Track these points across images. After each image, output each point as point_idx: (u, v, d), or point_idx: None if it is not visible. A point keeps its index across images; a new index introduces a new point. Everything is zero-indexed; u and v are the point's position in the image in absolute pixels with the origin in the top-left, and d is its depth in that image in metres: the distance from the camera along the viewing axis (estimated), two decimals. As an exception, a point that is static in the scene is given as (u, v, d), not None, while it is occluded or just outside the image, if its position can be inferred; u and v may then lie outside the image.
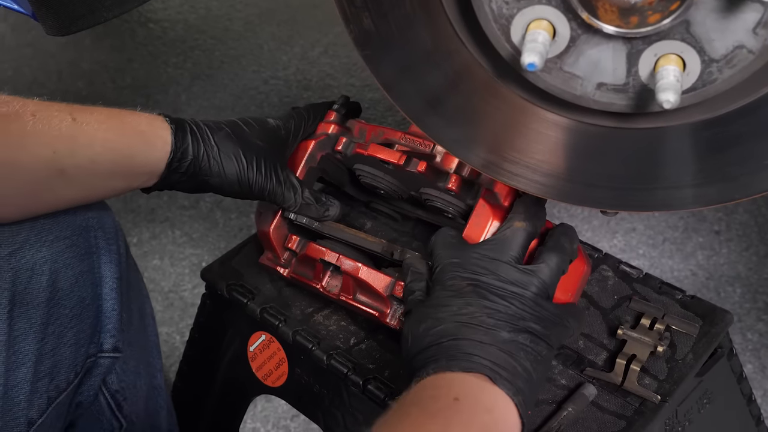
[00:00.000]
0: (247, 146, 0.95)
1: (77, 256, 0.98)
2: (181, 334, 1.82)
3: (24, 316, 0.92)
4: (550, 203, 0.89)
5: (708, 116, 0.74)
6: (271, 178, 0.96)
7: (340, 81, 2.42)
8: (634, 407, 0.93)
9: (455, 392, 0.74)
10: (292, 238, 1.04)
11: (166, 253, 1.99)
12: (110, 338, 1.03)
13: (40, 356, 0.94)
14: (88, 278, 0.99)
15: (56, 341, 0.96)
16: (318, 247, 1.01)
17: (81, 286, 0.98)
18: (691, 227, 1.96)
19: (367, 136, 1.03)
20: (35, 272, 0.93)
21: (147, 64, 2.57)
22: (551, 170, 0.83)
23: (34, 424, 0.93)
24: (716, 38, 0.67)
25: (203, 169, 0.93)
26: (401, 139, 1.00)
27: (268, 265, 1.07)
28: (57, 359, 0.96)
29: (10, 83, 2.49)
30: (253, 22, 2.72)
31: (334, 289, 1.00)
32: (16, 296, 0.91)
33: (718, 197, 0.79)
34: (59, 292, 0.96)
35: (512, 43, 0.73)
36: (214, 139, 0.93)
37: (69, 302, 0.97)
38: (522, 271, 0.82)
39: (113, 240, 1.03)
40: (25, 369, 0.92)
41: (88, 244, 0.99)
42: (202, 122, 0.95)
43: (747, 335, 1.73)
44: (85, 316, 0.99)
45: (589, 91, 0.73)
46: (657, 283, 1.06)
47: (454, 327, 0.79)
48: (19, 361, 0.91)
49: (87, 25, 0.92)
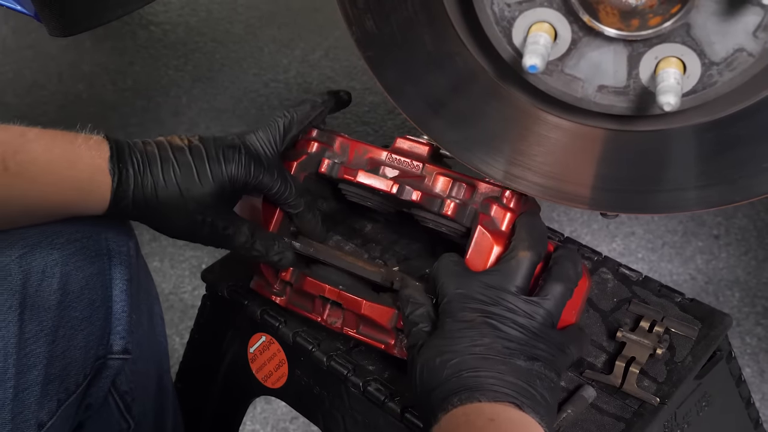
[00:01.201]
0: (195, 198, 0.90)
1: (88, 259, 0.97)
2: (181, 336, 1.82)
3: (35, 319, 0.91)
4: (550, 205, 0.89)
5: (708, 119, 0.75)
6: (216, 229, 0.93)
7: (341, 84, 2.43)
8: (633, 409, 0.93)
9: (488, 415, 0.75)
10: (286, 270, 0.99)
11: (166, 255, 2.00)
12: (120, 340, 1.02)
13: (51, 359, 0.93)
14: (99, 280, 0.99)
15: (66, 344, 0.95)
16: (316, 282, 0.97)
17: (91, 289, 0.98)
18: (691, 231, 1.97)
19: (350, 154, 1.00)
20: (46, 275, 0.92)
21: (148, 66, 2.57)
22: (552, 172, 0.84)
23: (44, 426, 0.92)
24: (717, 41, 0.67)
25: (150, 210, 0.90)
26: (387, 159, 0.97)
27: (260, 292, 1.04)
28: (67, 362, 0.95)
29: (11, 85, 2.49)
30: (254, 25, 2.72)
31: (336, 323, 0.98)
32: (26, 299, 0.90)
33: (718, 200, 0.79)
34: (70, 295, 0.95)
35: (514, 46, 0.73)
36: (162, 179, 0.89)
37: (79, 305, 0.96)
38: (529, 302, 0.83)
39: (124, 242, 1.02)
40: (36, 372, 0.91)
41: (99, 246, 0.99)
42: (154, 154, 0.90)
43: (746, 339, 1.74)
44: (95, 319, 0.98)
45: (590, 94, 0.74)
46: (656, 286, 1.06)
47: (472, 359, 0.79)
48: (30, 364, 0.91)
49: (90, 26, 0.92)
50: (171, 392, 1.19)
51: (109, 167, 0.86)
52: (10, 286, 0.89)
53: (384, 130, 2.27)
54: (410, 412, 0.93)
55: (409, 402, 0.94)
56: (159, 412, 1.15)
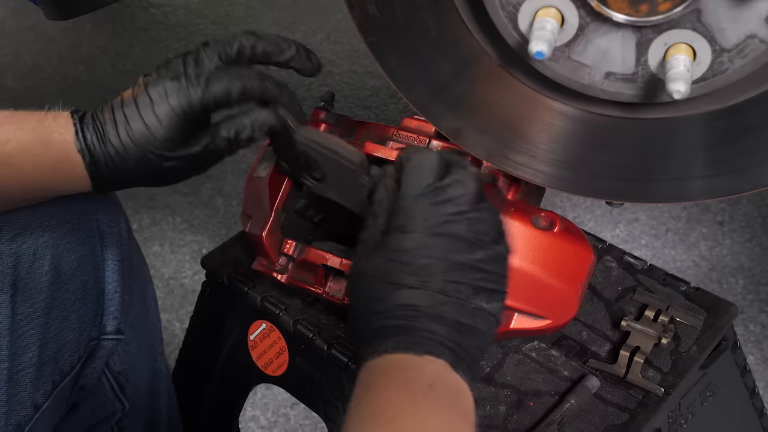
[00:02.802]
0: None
1: (79, 240, 0.97)
2: (181, 321, 1.81)
3: (27, 301, 0.91)
4: (553, 192, 0.88)
5: (718, 107, 0.73)
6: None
7: (342, 68, 2.41)
8: (638, 399, 0.92)
9: (428, 379, 0.71)
10: (288, 243, 0.98)
11: (167, 240, 1.99)
12: (113, 320, 1.02)
13: (45, 341, 0.93)
14: (90, 262, 0.99)
15: (60, 325, 0.95)
16: (319, 252, 0.96)
17: (83, 270, 0.98)
18: (694, 218, 1.96)
19: (357, 133, 1.00)
20: (37, 257, 0.92)
21: (148, 49, 2.56)
22: (557, 160, 0.82)
23: (40, 408, 0.93)
24: (728, 27, 0.66)
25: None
26: (394, 135, 0.97)
27: (262, 271, 1.02)
28: (61, 343, 0.96)
29: (11, 68, 2.48)
30: (255, 7, 2.70)
31: (338, 294, 0.97)
32: (18, 281, 0.90)
33: (726, 189, 0.78)
34: (62, 276, 0.95)
35: (519, 31, 0.72)
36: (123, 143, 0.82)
37: (72, 286, 0.97)
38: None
39: (115, 222, 1.02)
40: (30, 353, 0.92)
41: (90, 227, 0.99)
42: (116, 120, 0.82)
43: (749, 327, 1.73)
44: (87, 300, 0.99)
45: (597, 81, 0.73)
46: (661, 275, 1.05)
47: (413, 294, 0.73)
48: (24, 346, 0.91)
49: (86, 9, 0.91)
50: (166, 375, 1.18)
51: (77, 146, 0.82)
52: (1, 268, 0.89)
53: (386, 114, 2.25)
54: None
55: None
56: (153, 394, 1.15)
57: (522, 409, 0.92)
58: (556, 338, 0.99)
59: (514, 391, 0.94)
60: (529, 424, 0.91)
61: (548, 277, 0.88)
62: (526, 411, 0.92)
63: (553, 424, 0.90)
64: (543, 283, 0.87)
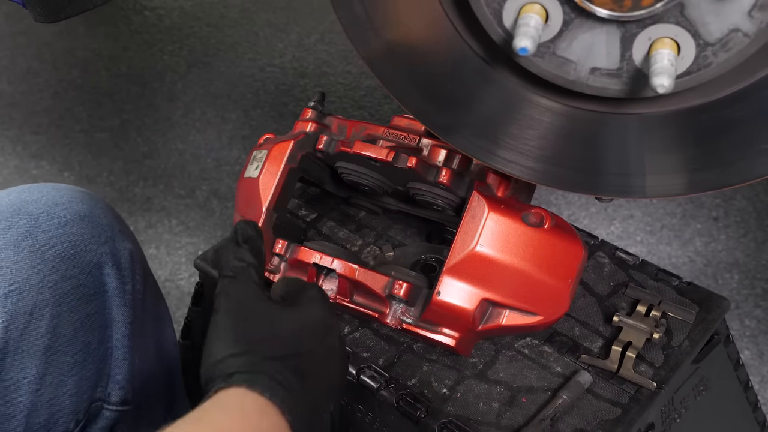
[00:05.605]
0: None
1: (84, 298, 0.90)
2: (178, 323, 1.81)
3: (17, 365, 0.84)
4: (546, 190, 0.88)
5: (703, 101, 0.73)
6: None
7: (337, 68, 2.41)
8: (630, 394, 0.92)
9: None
10: (280, 243, 0.98)
11: (163, 242, 1.99)
12: (119, 390, 0.95)
13: (34, 409, 0.86)
14: (96, 321, 0.91)
15: (54, 391, 0.88)
16: (310, 251, 0.96)
17: (86, 330, 0.90)
18: (689, 214, 1.96)
19: (348, 132, 1.01)
20: (34, 317, 0.84)
21: (142, 51, 2.56)
22: (545, 156, 0.82)
23: None
24: (711, 21, 0.66)
25: None
26: (385, 134, 0.98)
27: None
28: (54, 410, 0.88)
29: (5, 72, 2.48)
30: (249, 9, 2.70)
31: (330, 293, 0.97)
32: (9, 344, 0.83)
33: (714, 183, 0.78)
34: (60, 339, 0.87)
35: (504, 28, 0.72)
36: None
37: (71, 349, 0.89)
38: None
39: (128, 277, 0.94)
40: (15, 422, 0.84)
41: (98, 282, 0.91)
42: None
43: (745, 321, 1.73)
44: (89, 362, 0.91)
45: (582, 76, 0.73)
46: (653, 270, 1.05)
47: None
48: (9, 414, 0.84)
49: (75, 11, 0.90)
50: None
51: None
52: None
53: (380, 114, 2.25)
54: (404, 399, 0.93)
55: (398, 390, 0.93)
56: None
57: (515, 406, 0.92)
58: (548, 334, 0.99)
59: (506, 387, 0.94)
60: (522, 420, 0.91)
61: (539, 274, 0.88)
62: (519, 407, 0.92)
63: (546, 419, 0.90)
64: (534, 279, 0.88)
